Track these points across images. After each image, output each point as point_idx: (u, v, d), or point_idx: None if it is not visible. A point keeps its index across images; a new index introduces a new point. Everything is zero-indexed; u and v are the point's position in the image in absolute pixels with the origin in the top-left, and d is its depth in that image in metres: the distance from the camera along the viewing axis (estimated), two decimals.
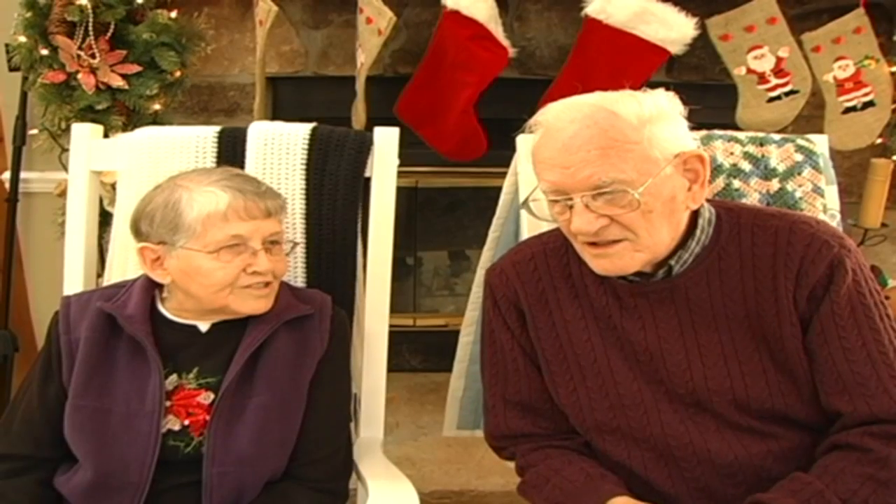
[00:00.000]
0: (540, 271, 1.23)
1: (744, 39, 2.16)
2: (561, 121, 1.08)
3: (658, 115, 1.07)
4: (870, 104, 2.21)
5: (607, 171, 1.04)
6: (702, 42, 2.11)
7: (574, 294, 1.20)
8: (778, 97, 2.20)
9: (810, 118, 2.26)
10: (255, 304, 1.24)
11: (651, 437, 1.15)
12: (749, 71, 2.18)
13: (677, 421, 1.14)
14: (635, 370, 1.16)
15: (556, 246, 1.23)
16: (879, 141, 2.26)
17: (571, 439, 1.23)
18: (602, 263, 1.12)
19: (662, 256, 1.12)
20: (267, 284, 1.25)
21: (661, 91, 1.12)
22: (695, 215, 1.14)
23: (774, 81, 2.19)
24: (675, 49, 2.04)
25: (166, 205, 1.22)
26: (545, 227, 1.29)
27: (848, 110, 2.22)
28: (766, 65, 2.17)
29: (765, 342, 1.12)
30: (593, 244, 1.10)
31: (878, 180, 2.28)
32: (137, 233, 1.26)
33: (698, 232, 1.14)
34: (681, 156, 1.08)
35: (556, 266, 1.22)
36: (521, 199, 1.31)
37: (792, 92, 2.19)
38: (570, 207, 1.08)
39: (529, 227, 1.41)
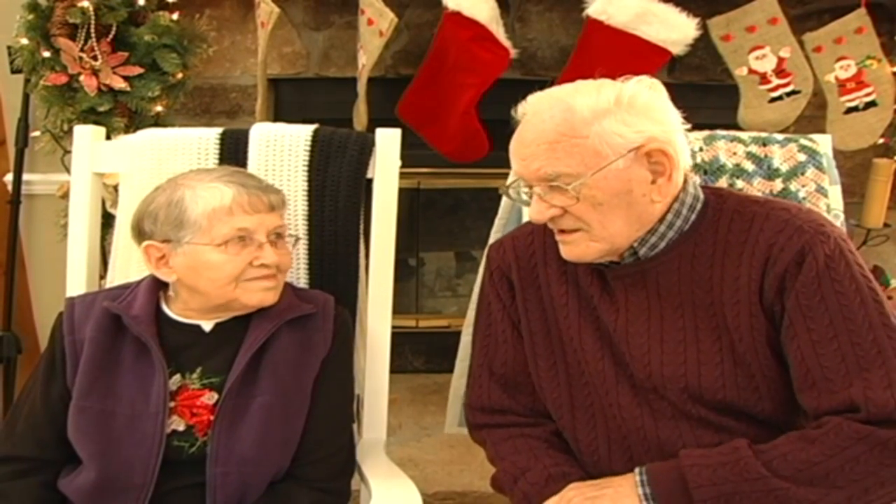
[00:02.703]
0: (535, 246, 1.26)
1: (745, 40, 2.16)
2: (527, 113, 1.13)
3: (617, 107, 1.08)
4: (872, 104, 2.21)
5: (552, 164, 1.08)
6: (703, 42, 2.11)
7: (563, 271, 1.23)
8: (779, 97, 2.19)
9: (812, 118, 2.26)
10: (263, 295, 1.25)
11: (612, 417, 1.17)
12: (750, 71, 2.18)
13: (634, 405, 1.15)
14: (605, 350, 1.18)
15: None
16: (881, 141, 2.26)
17: (543, 425, 1.24)
18: (564, 250, 1.16)
19: (623, 247, 1.14)
20: (273, 276, 1.26)
21: (644, 81, 1.12)
22: (672, 201, 1.14)
23: (776, 82, 2.18)
24: (677, 50, 2.04)
25: (169, 203, 1.23)
26: None
27: (850, 110, 2.21)
28: (767, 65, 2.17)
29: (726, 332, 1.11)
30: (560, 231, 1.15)
31: (880, 180, 2.28)
32: (140, 233, 1.26)
33: (671, 216, 1.13)
34: (640, 149, 1.08)
35: (551, 244, 1.23)
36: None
37: (793, 92, 2.18)
38: (530, 195, 1.14)
39: None
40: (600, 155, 1.07)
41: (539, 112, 1.11)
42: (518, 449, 1.22)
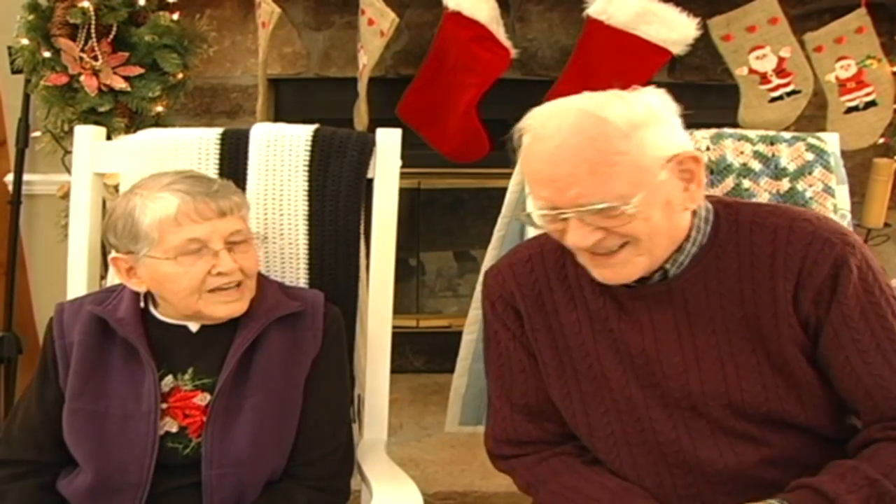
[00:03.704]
0: (536, 273, 1.21)
1: (745, 39, 2.16)
2: (547, 128, 1.04)
3: (649, 117, 1.03)
4: (872, 104, 2.20)
5: (594, 192, 1.00)
6: (703, 42, 2.11)
7: (570, 296, 1.18)
8: (780, 97, 2.19)
9: (812, 118, 2.26)
10: (228, 308, 1.22)
11: (643, 442, 1.13)
12: (751, 71, 2.18)
13: (669, 426, 1.12)
14: (630, 373, 1.14)
15: (553, 247, 1.20)
16: (882, 141, 2.26)
17: (570, 443, 1.21)
18: (604, 273, 1.09)
19: (662, 260, 1.10)
20: (238, 285, 1.22)
21: (650, 89, 1.09)
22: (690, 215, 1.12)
23: (776, 81, 2.18)
24: (677, 49, 2.04)
25: (125, 214, 1.20)
26: None
27: (850, 110, 2.21)
28: (767, 65, 2.17)
29: (762, 344, 1.09)
30: (598, 255, 1.07)
31: (880, 180, 2.28)
32: (109, 244, 1.25)
33: (694, 232, 1.11)
34: (675, 158, 1.04)
35: (552, 268, 1.20)
36: (527, 204, 1.30)
37: (794, 92, 2.18)
38: (565, 220, 1.04)
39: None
40: (644, 169, 1.01)
41: (564, 127, 1.02)
42: (558, 471, 1.18)
